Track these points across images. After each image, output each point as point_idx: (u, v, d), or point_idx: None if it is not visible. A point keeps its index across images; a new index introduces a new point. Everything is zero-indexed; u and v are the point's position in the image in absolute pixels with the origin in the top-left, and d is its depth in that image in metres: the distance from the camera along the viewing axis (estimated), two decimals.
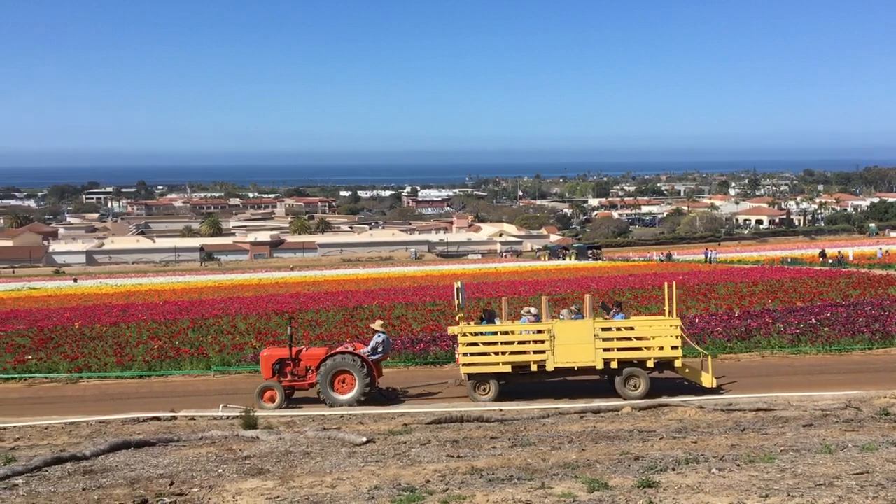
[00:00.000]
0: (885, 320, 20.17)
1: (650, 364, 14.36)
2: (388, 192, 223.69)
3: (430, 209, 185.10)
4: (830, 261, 49.00)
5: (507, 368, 14.27)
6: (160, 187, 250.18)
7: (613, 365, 14.23)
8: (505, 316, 15.98)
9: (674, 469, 7.56)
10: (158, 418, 12.49)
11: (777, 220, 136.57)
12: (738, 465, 7.62)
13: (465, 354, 14.33)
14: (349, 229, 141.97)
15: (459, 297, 15.06)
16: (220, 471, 8.25)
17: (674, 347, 14.36)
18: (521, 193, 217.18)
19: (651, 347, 14.44)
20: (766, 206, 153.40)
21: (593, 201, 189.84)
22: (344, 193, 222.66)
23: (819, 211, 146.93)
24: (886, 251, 55.58)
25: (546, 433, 10.20)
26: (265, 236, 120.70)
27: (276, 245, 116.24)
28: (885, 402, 11.74)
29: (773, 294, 28.00)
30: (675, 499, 6.48)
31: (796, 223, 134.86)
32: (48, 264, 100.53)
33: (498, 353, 14.32)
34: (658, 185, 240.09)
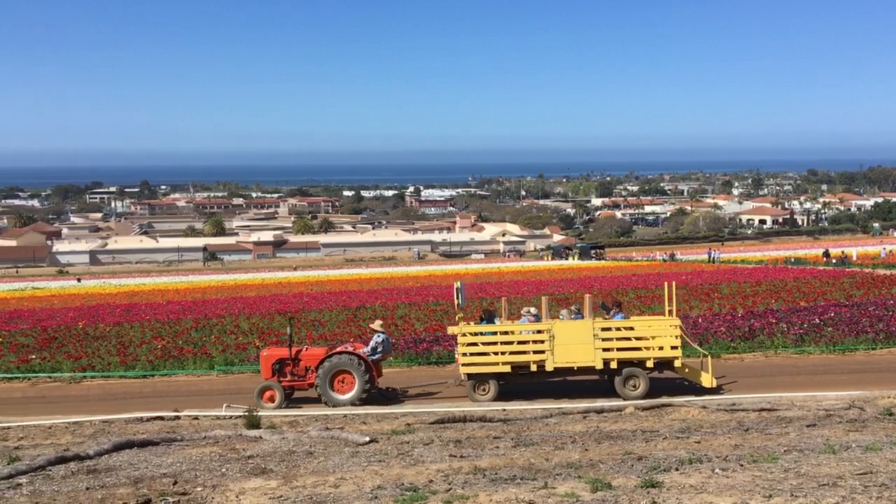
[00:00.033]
0: (888, 320, 20.13)
1: (650, 364, 14.36)
2: (391, 192, 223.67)
3: (433, 209, 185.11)
4: (834, 261, 48.93)
5: (507, 368, 14.29)
6: (163, 187, 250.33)
7: (613, 365, 14.23)
8: (505, 316, 15.98)
9: (677, 469, 7.56)
10: (162, 418, 12.51)
11: (780, 219, 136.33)
12: (742, 466, 7.61)
13: (464, 354, 14.34)
14: (352, 229, 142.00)
15: (459, 298, 15.07)
16: (223, 470, 8.26)
17: (673, 347, 14.36)
18: (524, 193, 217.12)
19: (651, 347, 14.44)
20: (769, 205, 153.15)
21: (596, 201, 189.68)
22: (347, 193, 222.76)
23: (823, 211, 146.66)
24: (890, 251, 55.41)
25: (549, 433, 10.20)
26: (268, 236, 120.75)
27: (279, 245, 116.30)
28: (888, 403, 11.72)
29: (776, 294, 27.95)
30: (678, 499, 6.48)
31: (800, 223, 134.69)
32: (52, 264, 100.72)
33: (497, 354, 14.32)
34: (661, 184, 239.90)
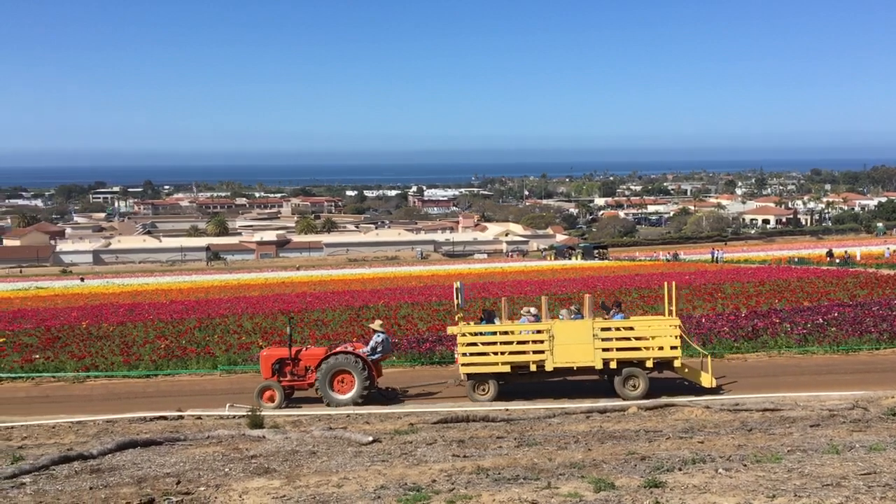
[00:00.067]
0: (892, 320, 20.07)
1: (649, 364, 14.34)
2: (393, 192, 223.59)
3: (435, 209, 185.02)
4: (838, 260, 48.84)
5: (507, 368, 14.28)
6: (167, 187, 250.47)
7: (612, 365, 14.22)
8: (505, 316, 15.97)
9: (680, 469, 7.55)
10: (165, 417, 12.53)
11: (784, 219, 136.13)
12: (745, 466, 7.60)
13: (464, 354, 14.34)
14: (355, 229, 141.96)
15: (459, 298, 15.07)
16: (226, 470, 8.27)
17: (673, 347, 14.34)
18: (527, 193, 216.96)
19: (650, 347, 14.43)
20: (772, 205, 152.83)
21: (599, 201, 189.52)
22: (350, 193, 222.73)
23: (826, 210, 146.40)
24: (894, 251, 55.32)
25: (552, 433, 10.19)
26: (271, 236, 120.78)
27: (282, 245, 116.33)
28: (892, 403, 11.69)
29: (780, 294, 27.91)
30: (681, 499, 6.47)
31: (803, 223, 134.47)
32: (55, 264, 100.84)
33: (497, 354, 14.32)
34: (664, 184, 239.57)
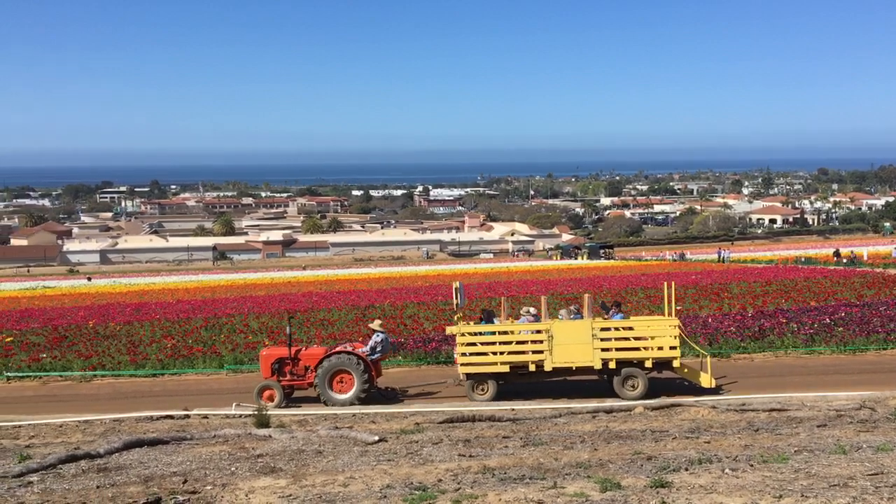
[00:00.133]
0: None
1: (648, 364, 14.32)
2: (399, 192, 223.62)
3: (441, 208, 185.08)
4: (845, 260, 48.67)
5: (506, 368, 14.27)
6: (173, 187, 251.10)
7: (612, 365, 14.19)
8: (504, 316, 15.97)
9: (687, 469, 7.53)
10: (172, 416, 12.54)
11: (791, 219, 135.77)
12: (752, 466, 7.58)
13: (463, 354, 14.34)
14: (361, 228, 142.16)
15: (458, 298, 15.08)
16: (232, 469, 8.28)
17: (672, 348, 14.31)
18: (533, 193, 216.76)
19: (650, 347, 14.41)
20: (779, 205, 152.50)
21: (605, 200, 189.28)
22: (356, 193, 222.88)
23: (833, 210, 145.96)
24: None
25: (558, 433, 10.18)
26: (277, 235, 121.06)
27: (288, 244, 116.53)
28: None
29: (786, 294, 27.84)
30: (687, 499, 6.46)
31: (810, 222, 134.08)
32: (62, 263, 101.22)
33: (496, 353, 14.31)
34: (671, 184, 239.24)
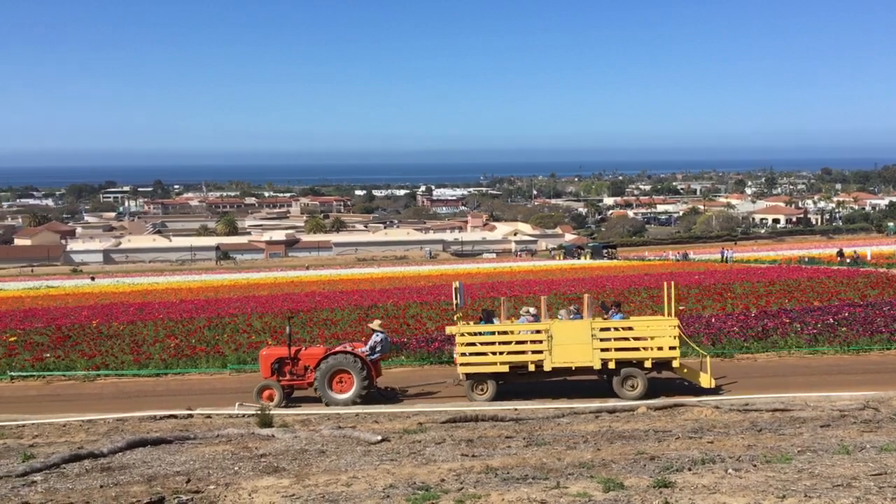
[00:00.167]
0: None
1: (648, 364, 14.31)
2: (402, 192, 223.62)
3: (444, 208, 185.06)
4: (848, 260, 48.60)
5: (505, 368, 14.26)
6: (176, 187, 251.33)
7: (611, 365, 14.18)
8: (504, 316, 15.97)
9: (690, 469, 7.53)
10: (175, 416, 12.56)
11: (794, 219, 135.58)
12: (755, 466, 7.57)
13: (462, 354, 14.34)
14: (364, 228, 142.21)
15: (458, 297, 15.07)
16: (236, 468, 8.29)
17: (672, 348, 14.29)
18: (535, 192, 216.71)
19: (649, 348, 14.40)
20: (783, 205, 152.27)
21: (608, 200, 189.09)
22: (359, 193, 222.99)
23: (837, 210, 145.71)
24: None
25: (561, 433, 10.18)
26: (280, 235, 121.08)
27: (291, 244, 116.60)
28: None
29: (790, 294, 27.79)
30: (691, 499, 6.45)
31: (814, 222, 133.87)
32: (66, 263, 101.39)
33: (496, 353, 14.31)
34: (674, 183, 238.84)
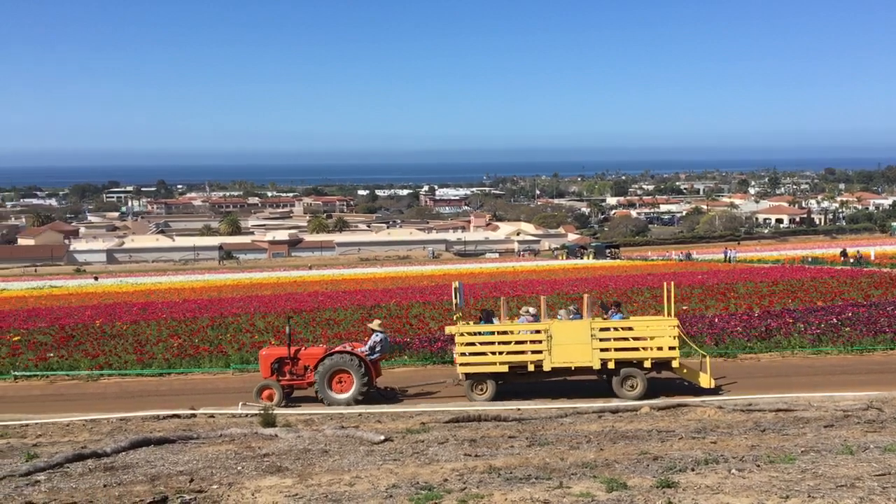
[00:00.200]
0: None
1: (647, 364, 14.29)
2: (405, 192, 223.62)
3: (447, 208, 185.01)
4: (852, 260, 48.52)
5: (505, 368, 14.25)
6: (179, 186, 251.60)
7: (611, 365, 14.16)
8: (504, 316, 15.97)
9: (693, 469, 7.52)
10: (178, 416, 12.57)
11: (797, 219, 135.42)
12: (759, 466, 7.56)
13: (462, 354, 14.34)
14: (367, 228, 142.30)
15: (458, 297, 15.07)
16: (239, 468, 8.29)
17: (671, 348, 14.27)
18: (538, 192, 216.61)
19: (649, 348, 14.38)
20: (786, 204, 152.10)
21: (611, 200, 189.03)
22: (362, 192, 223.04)
23: (840, 210, 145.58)
24: None
25: (564, 433, 10.17)
26: (283, 235, 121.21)
27: (294, 244, 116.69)
28: None
29: (793, 294, 27.75)
30: (694, 499, 6.44)
31: (817, 222, 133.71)
32: (69, 263, 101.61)
33: (495, 353, 14.30)
34: (677, 183, 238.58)
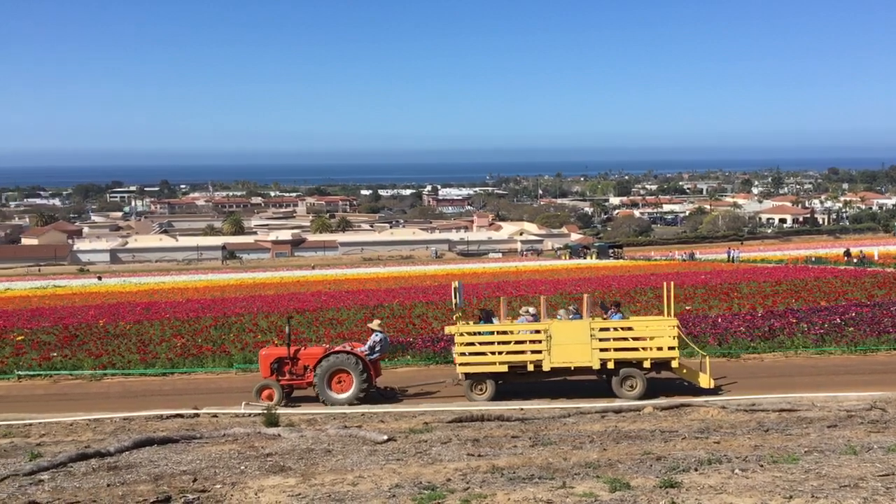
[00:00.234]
0: None
1: (647, 364, 14.28)
2: (408, 191, 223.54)
3: (450, 208, 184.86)
4: (855, 260, 48.44)
5: (504, 368, 14.24)
6: (183, 186, 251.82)
7: (610, 365, 14.16)
8: (503, 316, 15.95)
9: (696, 469, 7.51)
10: (181, 415, 12.59)
11: (801, 218, 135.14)
12: (762, 466, 7.55)
13: (462, 354, 14.34)
14: (370, 228, 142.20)
15: (457, 297, 15.07)
16: (242, 468, 8.30)
17: (671, 348, 14.26)
18: (541, 192, 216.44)
19: (648, 348, 14.38)
20: (789, 204, 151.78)
21: (614, 200, 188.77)
22: (365, 192, 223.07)
23: (844, 210, 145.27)
24: None
25: (567, 432, 10.17)
26: (286, 235, 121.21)
27: (297, 244, 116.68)
28: None
29: (796, 293, 27.71)
30: (697, 499, 6.44)
31: (820, 222, 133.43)
32: (73, 262, 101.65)
33: (495, 353, 14.29)
34: (680, 183, 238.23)
